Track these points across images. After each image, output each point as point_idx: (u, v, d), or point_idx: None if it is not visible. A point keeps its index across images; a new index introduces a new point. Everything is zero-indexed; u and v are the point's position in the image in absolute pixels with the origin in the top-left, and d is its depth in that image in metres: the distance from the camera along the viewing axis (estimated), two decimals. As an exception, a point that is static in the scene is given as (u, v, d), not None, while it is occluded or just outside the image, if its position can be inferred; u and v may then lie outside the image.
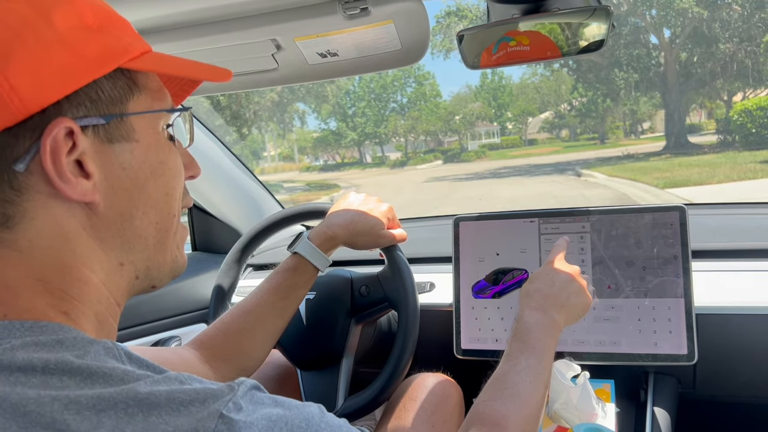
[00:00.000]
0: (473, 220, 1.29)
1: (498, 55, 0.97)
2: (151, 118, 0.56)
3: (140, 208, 0.55)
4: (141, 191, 0.54)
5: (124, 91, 0.53)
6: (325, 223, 1.07)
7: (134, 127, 0.54)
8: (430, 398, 1.15)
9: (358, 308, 1.19)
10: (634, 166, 16.68)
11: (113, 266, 0.54)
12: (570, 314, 0.91)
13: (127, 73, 0.53)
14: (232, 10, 0.89)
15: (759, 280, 1.20)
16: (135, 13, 0.87)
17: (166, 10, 0.87)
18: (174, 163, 0.58)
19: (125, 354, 0.50)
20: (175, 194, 0.58)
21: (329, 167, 35.43)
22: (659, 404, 1.15)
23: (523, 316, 0.89)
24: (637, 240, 1.17)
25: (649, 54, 22.28)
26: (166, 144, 0.57)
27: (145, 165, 0.54)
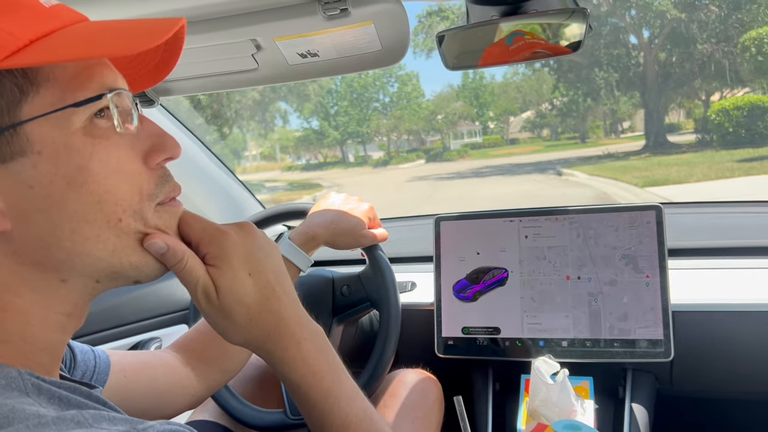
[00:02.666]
0: (454, 220, 1.30)
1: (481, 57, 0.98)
2: (58, 118, 0.46)
3: (66, 227, 0.47)
4: (60, 208, 0.47)
5: (13, 95, 0.45)
6: (306, 223, 1.07)
7: (32, 136, 0.45)
8: (410, 394, 1.16)
9: (339, 308, 1.19)
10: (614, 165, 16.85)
11: (52, 284, 0.49)
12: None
13: (15, 70, 0.45)
14: (211, 10, 0.88)
15: (735, 277, 1.22)
16: (114, 13, 0.87)
17: (148, 9, 0.87)
18: (105, 163, 0.48)
19: (33, 385, 0.45)
20: (115, 196, 0.49)
21: (311, 166, 35.31)
22: (637, 401, 1.17)
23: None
24: (615, 238, 1.18)
25: (629, 54, 22.52)
26: (86, 144, 0.47)
27: (57, 178, 0.46)
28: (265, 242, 0.60)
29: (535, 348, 1.20)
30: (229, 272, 0.55)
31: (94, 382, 0.75)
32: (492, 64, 0.98)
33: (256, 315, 0.57)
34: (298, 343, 0.59)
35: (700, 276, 1.25)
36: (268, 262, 0.58)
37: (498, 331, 1.23)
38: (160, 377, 0.83)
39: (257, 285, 0.57)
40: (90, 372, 0.75)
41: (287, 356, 0.59)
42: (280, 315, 0.58)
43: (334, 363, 0.63)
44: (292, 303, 0.60)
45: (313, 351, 0.60)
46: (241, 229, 0.58)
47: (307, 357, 0.60)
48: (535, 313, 1.22)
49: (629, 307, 1.15)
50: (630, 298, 1.15)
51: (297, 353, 0.59)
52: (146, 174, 0.52)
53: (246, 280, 0.56)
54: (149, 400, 0.82)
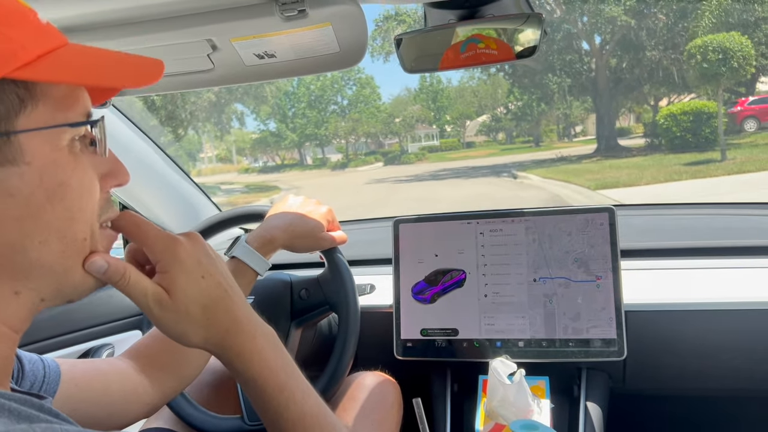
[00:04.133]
0: (413, 222, 1.31)
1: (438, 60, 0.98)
2: (50, 134, 0.48)
3: (36, 238, 0.48)
4: (36, 219, 0.48)
5: (13, 104, 0.46)
6: (264, 226, 1.06)
7: (25, 147, 0.47)
8: (368, 397, 1.16)
9: (298, 312, 1.18)
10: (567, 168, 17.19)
11: (5, 295, 0.49)
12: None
13: (19, 82, 0.46)
14: (166, 9, 0.86)
15: (685, 277, 1.26)
16: (64, 10, 0.84)
17: (97, 6, 0.84)
18: (81, 181, 0.51)
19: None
20: (85, 214, 0.51)
21: (269, 169, 34.99)
22: (591, 399, 1.20)
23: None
24: (568, 242, 1.21)
25: (581, 60, 23.05)
26: (69, 161, 0.50)
27: (39, 190, 0.47)
28: (211, 249, 0.63)
29: (492, 349, 1.22)
30: (184, 276, 0.58)
31: (44, 392, 0.72)
32: (449, 67, 0.99)
33: (213, 314, 0.60)
34: (253, 338, 0.63)
35: (651, 276, 1.28)
36: (217, 266, 0.62)
37: (456, 333, 1.24)
38: (113, 385, 0.81)
39: (210, 286, 0.60)
40: (39, 382, 0.72)
41: (244, 351, 0.62)
42: (235, 313, 0.62)
43: (287, 359, 0.66)
44: (243, 303, 0.64)
45: (267, 346, 0.64)
46: (189, 237, 0.62)
47: (262, 352, 0.63)
48: (493, 314, 1.23)
49: (582, 307, 1.18)
50: (583, 298, 1.18)
51: (253, 348, 0.62)
52: (99, 197, 0.54)
53: (200, 282, 0.59)
54: (102, 409, 0.79)
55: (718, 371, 1.23)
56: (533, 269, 1.22)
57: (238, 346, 0.62)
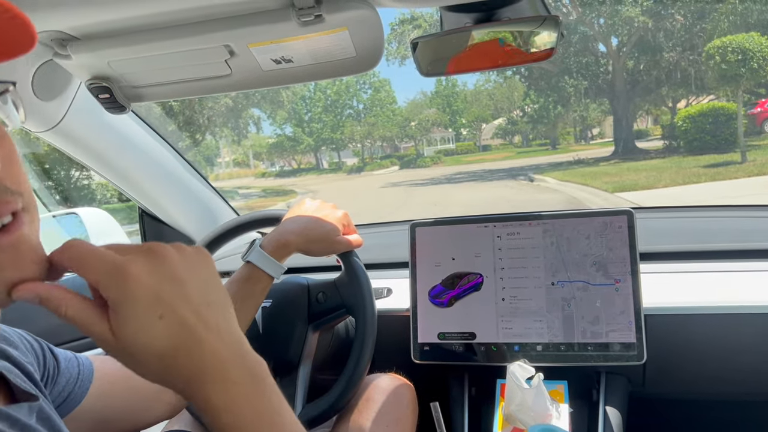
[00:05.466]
0: (429, 226, 1.31)
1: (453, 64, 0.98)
2: None
3: None
4: None
5: None
6: (278, 230, 1.07)
7: None
8: (384, 399, 1.16)
9: (315, 315, 1.19)
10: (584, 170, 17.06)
11: None
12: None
13: None
14: (185, 15, 0.87)
15: (704, 280, 1.24)
16: (86, 17, 0.85)
17: (119, 13, 0.86)
18: None
19: None
20: None
21: (285, 173, 35.14)
22: (611, 403, 1.19)
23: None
24: (587, 245, 1.20)
25: (598, 62, 22.90)
26: None
27: None
28: (185, 269, 0.49)
29: (510, 353, 1.21)
30: (133, 320, 0.45)
31: (78, 388, 0.75)
32: (465, 70, 0.99)
33: (171, 361, 0.47)
34: (224, 388, 0.49)
35: (671, 279, 1.27)
36: (186, 296, 0.48)
37: (473, 337, 1.24)
38: (140, 384, 0.82)
39: (170, 328, 0.46)
40: (74, 379, 0.75)
41: (210, 405, 0.49)
42: (201, 358, 0.48)
43: (266, 409, 0.51)
44: (219, 341, 0.49)
45: (241, 397, 0.49)
46: (148, 258, 0.47)
47: (233, 405, 0.49)
48: (510, 318, 1.22)
49: (600, 311, 1.17)
50: (602, 302, 1.17)
51: (221, 401, 0.48)
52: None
53: (155, 325, 0.46)
54: (130, 406, 0.82)
55: (739, 375, 1.21)
56: (551, 273, 1.21)
57: (203, 399, 0.49)
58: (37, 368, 0.69)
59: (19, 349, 0.67)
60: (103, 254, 0.46)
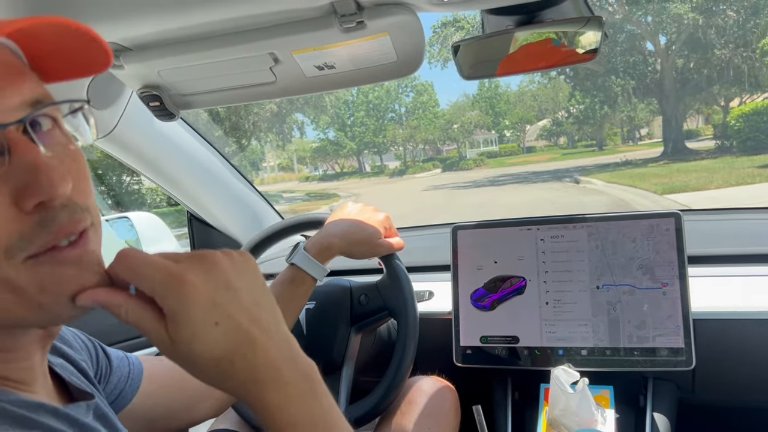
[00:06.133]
0: (471, 229, 1.30)
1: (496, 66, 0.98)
2: None
3: None
4: None
5: None
6: (322, 233, 1.08)
7: None
8: (426, 401, 1.17)
9: (357, 317, 1.20)
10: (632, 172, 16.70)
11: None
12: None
13: None
14: (231, 25, 0.90)
15: (755, 284, 1.21)
16: (139, 29, 0.89)
17: (169, 24, 0.89)
18: None
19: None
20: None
21: (328, 177, 35.44)
22: (659, 409, 1.16)
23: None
24: (632, 248, 1.18)
25: (646, 61, 22.38)
26: None
27: None
28: (236, 275, 0.49)
29: (554, 357, 1.20)
30: (189, 328, 0.46)
31: (128, 387, 0.78)
32: (508, 73, 0.99)
33: (227, 364, 0.48)
34: (277, 389, 0.49)
35: (722, 283, 1.23)
36: (240, 301, 0.49)
37: (516, 340, 1.23)
38: (187, 383, 0.85)
39: (227, 334, 0.47)
40: (124, 378, 0.78)
41: (264, 405, 0.50)
42: (255, 362, 0.49)
43: (319, 410, 0.52)
44: (272, 344, 0.50)
45: (295, 397, 0.50)
46: (202, 266, 0.48)
47: (286, 405, 0.50)
48: (554, 322, 1.21)
49: (647, 315, 1.14)
50: (648, 306, 1.15)
51: (275, 401, 0.50)
52: (11, 222, 0.44)
53: (211, 332, 0.47)
54: (177, 404, 0.85)
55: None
56: (596, 276, 1.19)
57: (258, 400, 0.50)
58: (91, 366, 0.72)
59: (73, 348, 0.69)
60: (157, 263, 0.47)
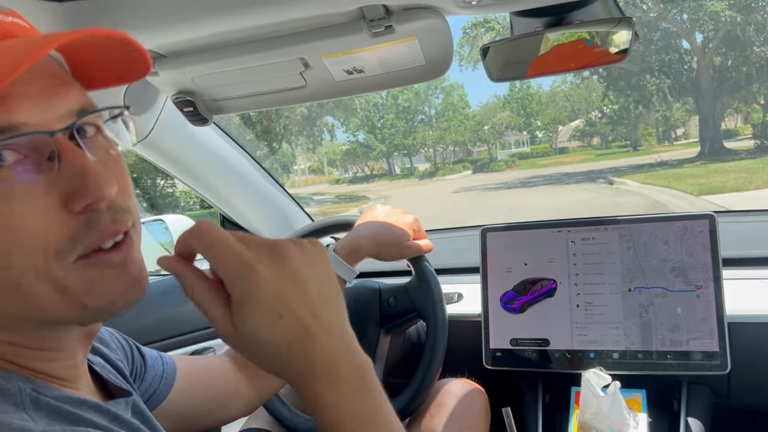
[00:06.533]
0: (501, 231, 1.30)
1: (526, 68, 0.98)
2: None
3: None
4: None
5: None
6: (351, 235, 1.10)
7: None
8: (456, 404, 1.17)
9: (386, 318, 1.21)
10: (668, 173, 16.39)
11: (2, 329, 0.49)
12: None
13: None
14: (262, 31, 0.92)
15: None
16: (173, 36, 0.91)
17: (202, 32, 0.91)
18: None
19: (32, 400, 0.45)
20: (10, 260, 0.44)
21: (358, 179, 35.57)
22: (693, 414, 1.14)
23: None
24: (667, 248, 1.16)
25: (681, 59, 21.93)
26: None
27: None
28: (305, 267, 0.49)
29: (585, 360, 1.19)
30: (254, 318, 0.46)
31: (162, 386, 0.80)
32: (538, 74, 0.99)
33: (286, 356, 0.48)
34: (331, 385, 0.49)
35: (759, 286, 1.21)
36: (306, 295, 0.48)
37: (547, 343, 1.22)
38: (219, 382, 0.87)
39: (288, 326, 0.47)
40: (158, 377, 0.80)
41: (317, 400, 0.50)
42: (313, 355, 0.49)
43: (371, 405, 0.52)
44: (330, 339, 0.49)
45: (347, 392, 0.50)
46: (275, 258, 0.47)
47: (338, 402, 0.50)
48: (585, 325, 1.20)
49: (681, 318, 1.13)
50: (682, 309, 1.13)
51: (328, 398, 0.49)
52: (60, 225, 0.45)
53: (274, 324, 0.47)
54: (209, 403, 0.86)
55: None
56: (628, 279, 1.18)
57: (312, 393, 0.50)
58: (127, 365, 0.74)
59: (110, 347, 0.72)
60: (233, 249, 0.46)
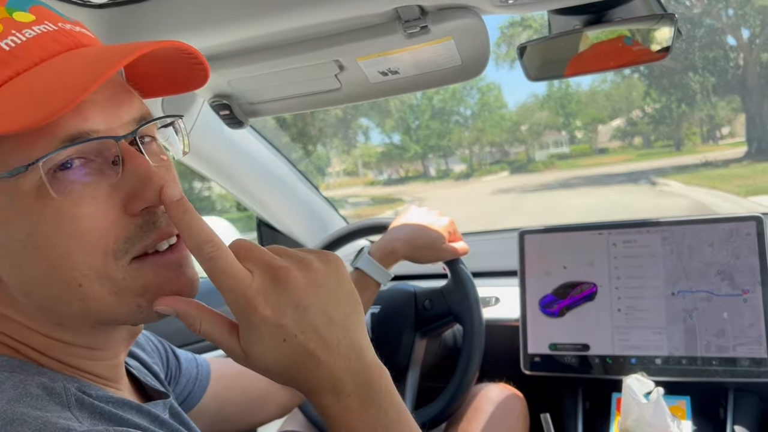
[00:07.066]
0: (539, 233, 1.28)
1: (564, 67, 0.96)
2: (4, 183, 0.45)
3: (31, 285, 0.48)
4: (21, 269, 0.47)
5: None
6: (386, 237, 1.09)
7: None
8: (494, 410, 1.15)
9: (422, 322, 1.20)
10: (712, 173, 15.97)
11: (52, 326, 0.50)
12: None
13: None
14: (298, 34, 0.92)
15: None
16: (208, 41, 0.92)
17: (238, 35, 0.92)
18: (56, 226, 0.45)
19: (77, 400, 0.46)
20: (72, 259, 0.46)
21: (393, 181, 35.56)
22: (740, 422, 1.10)
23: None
24: (712, 251, 1.12)
25: (727, 56, 21.33)
26: (34, 208, 0.45)
27: (10, 241, 0.46)
28: (308, 292, 0.49)
29: (626, 365, 1.15)
30: (258, 343, 0.48)
31: (197, 388, 0.80)
32: (576, 73, 0.97)
33: (294, 375, 0.50)
34: (338, 399, 0.50)
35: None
36: (308, 320, 0.48)
37: (587, 348, 1.19)
38: (253, 385, 0.88)
39: (293, 349, 0.48)
40: (193, 380, 0.80)
41: (328, 413, 0.51)
42: (318, 374, 0.50)
43: (383, 420, 0.52)
44: (336, 358, 0.50)
45: (354, 408, 0.51)
46: (275, 286, 0.48)
47: (345, 415, 0.51)
48: (627, 330, 1.17)
49: (727, 323, 1.09)
50: (728, 313, 1.09)
51: (338, 410, 0.51)
52: (118, 227, 0.48)
53: (280, 347, 0.48)
54: (243, 406, 0.87)
55: None
56: (671, 282, 1.15)
57: (321, 407, 0.51)
58: (162, 368, 0.75)
59: (145, 351, 0.73)
60: (233, 280, 0.47)
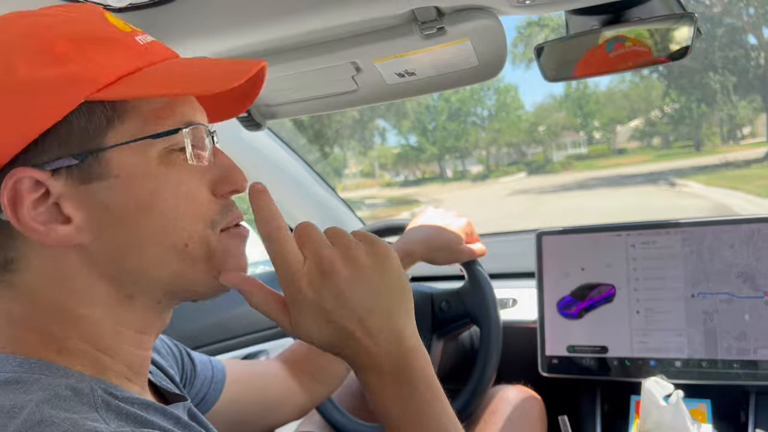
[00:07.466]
0: (557, 234, 1.27)
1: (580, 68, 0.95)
2: (137, 147, 0.50)
3: (135, 247, 0.51)
4: (130, 229, 0.50)
5: (101, 123, 0.49)
6: (403, 239, 1.09)
7: (112, 161, 0.49)
8: (511, 412, 1.14)
9: (439, 324, 1.20)
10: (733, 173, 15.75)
11: (121, 299, 0.52)
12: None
13: (106, 102, 0.49)
14: (314, 36, 0.92)
15: None
16: (226, 44, 0.93)
17: (256, 38, 0.92)
18: (176, 190, 0.52)
19: (103, 401, 0.47)
20: (182, 222, 0.52)
21: (410, 183, 35.50)
22: (762, 426, 1.08)
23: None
24: (733, 252, 1.11)
25: (747, 55, 21.06)
26: (159, 172, 0.51)
27: (130, 201, 0.50)
28: (349, 285, 0.54)
29: (645, 368, 1.14)
30: (304, 322, 0.54)
31: (212, 391, 0.80)
32: (594, 74, 0.96)
33: (338, 350, 0.56)
34: (376, 376, 0.56)
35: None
36: (348, 309, 0.54)
37: (605, 350, 1.19)
38: (270, 387, 0.88)
39: (335, 331, 0.54)
40: (208, 382, 0.80)
41: (365, 387, 0.57)
42: (358, 353, 0.55)
43: (419, 400, 0.56)
44: (378, 341, 0.55)
45: (391, 386, 0.56)
46: (320, 275, 0.54)
47: (381, 390, 0.56)
48: (646, 332, 1.16)
49: (748, 325, 1.07)
50: (750, 316, 1.08)
51: (372, 384, 0.57)
52: (212, 203, 0.55)
53: (323, 327, 0.54)
54: (260, 409, 0.87)
55: None
56: (691, 284, 1.13)
57: (361, 379, 0.57)
58: (177, 371, 0.75)
59: (161, 354, 0.73)
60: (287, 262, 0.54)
